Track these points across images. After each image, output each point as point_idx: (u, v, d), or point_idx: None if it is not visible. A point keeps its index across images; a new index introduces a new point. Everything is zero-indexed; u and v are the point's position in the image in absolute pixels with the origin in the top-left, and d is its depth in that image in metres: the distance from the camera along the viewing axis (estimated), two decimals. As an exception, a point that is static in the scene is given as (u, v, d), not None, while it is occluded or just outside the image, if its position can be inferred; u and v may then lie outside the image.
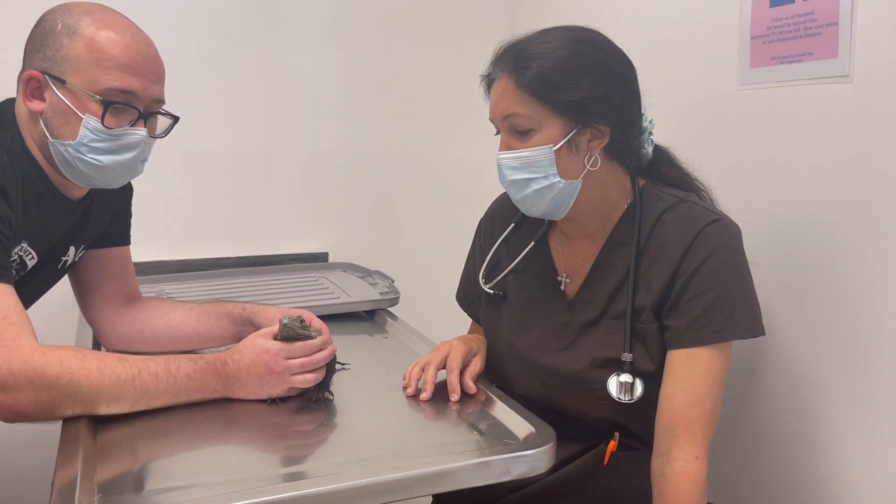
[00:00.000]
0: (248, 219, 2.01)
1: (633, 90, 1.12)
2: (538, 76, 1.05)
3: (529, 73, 1.06)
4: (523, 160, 1.09)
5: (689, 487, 1.02)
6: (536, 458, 0.94)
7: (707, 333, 1.06)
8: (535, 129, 1.07)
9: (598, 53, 1.09)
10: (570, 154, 1.08)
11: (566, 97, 1.05)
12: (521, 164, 1.09)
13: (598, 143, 1.09)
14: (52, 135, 1.09)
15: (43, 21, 1.11)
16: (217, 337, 1.29)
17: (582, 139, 1.08)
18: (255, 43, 1.95)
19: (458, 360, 1.15)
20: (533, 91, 1.06)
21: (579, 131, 1.07)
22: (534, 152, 1.08)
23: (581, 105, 1.06)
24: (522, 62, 1.07)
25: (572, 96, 1.05)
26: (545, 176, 1.09)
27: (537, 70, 1.05)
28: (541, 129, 1.07)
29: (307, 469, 0.93)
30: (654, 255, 1.11)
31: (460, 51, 2.11)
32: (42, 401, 0.95)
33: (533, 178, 1.09)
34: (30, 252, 1.12)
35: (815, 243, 1.24)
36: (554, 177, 1.08)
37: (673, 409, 1.06)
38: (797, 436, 1.30)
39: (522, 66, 1.07)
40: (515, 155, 1.09)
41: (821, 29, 1.19)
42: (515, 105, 1.08)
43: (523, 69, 1.06)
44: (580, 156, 1.09)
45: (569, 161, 1.08)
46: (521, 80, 1.06)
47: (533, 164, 1.08)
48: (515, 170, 1.10)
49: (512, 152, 1.10)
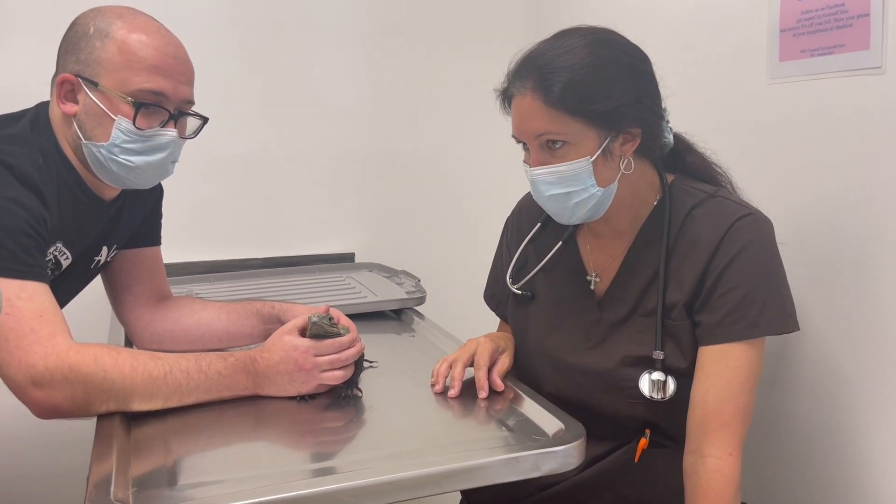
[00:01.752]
0: (276, 220, 2.03)
1: (656, 86, 1.11)
2: (567, 91, 1.02)
3: (557, 89, 1.02)
4: (560, 175, 1.06)
5: (722, 484, 1.01)
6: (566, 454, 0.93)
7: (740, 329, 1.05)
8: (568, 143, 1.05)
9: (622, 56, 1.07)
10: (606, 162, 1.06)
11: (599, 108, 1.03)
12: (557, 178, 1.07)
13: (630, 145, 1.08)
14: (85, 136, 1.11)
15: (75, 25, 1.13)
16: (246, 335, 1.31)
17: (615, 145, 1.06)
18: (282, 46, 1.97)
19: (485, 358, 1.14)
20: (564, 107, 1.03)
21: (613, 138, 1.06)
22: (571, 166, 1.06)
23: (614, 113, 1.04)
24: (547, 77, 1.03)
25: (605, 106, 1.03)
26: (584, 188, 1.07)
27: (565, 84, 1.02)
28: (575, 143, 1.05)
29: (336, 465, 0.94)
30: (685, 251, 1.10)
31: (485, 51, 2.11)
32: (77, 397, 0.97)
33: (572, 192, 1.07)
34: (64, 252, 1.14)
35: (848, 238, 1.22)
36: (593, 187, 1.07)
37: (705, 406, 1.05)
38: (831, 435, 1.27)
39: (548, 81, 1.03)
40: (551, 170, 1.07)
41: (852, 20, 1.17)
42: (547, 124, 1.04)
43: (550, 85, 1.03)
44: (615, 161, 1.07)
45: (604, 169, 1.07)
46: (551, 98, 1.03)
47: (570, 178, 1.06)
48: (552, 185, 1.08)
49: (547, 167, 1.07)
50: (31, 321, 0.97)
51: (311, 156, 2.04)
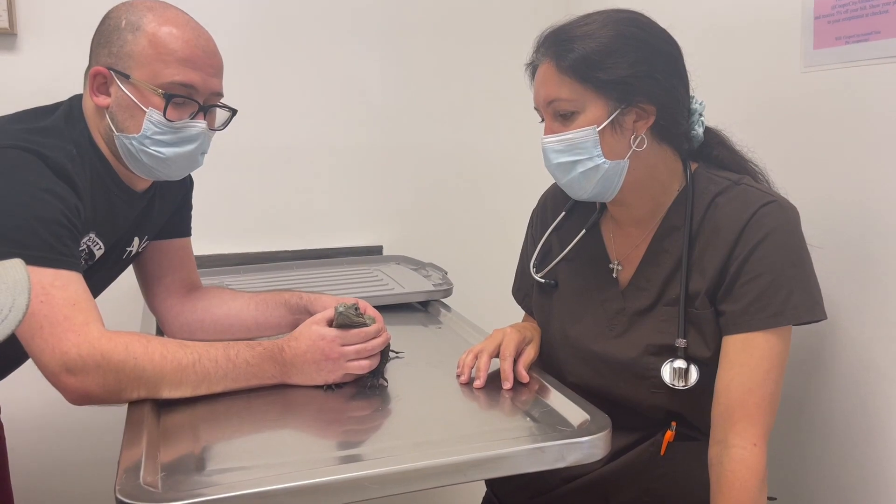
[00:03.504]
0: (306, 213, 2.04)
1: (677, 68, 1.10)
2: (579, 58, 1.05)
3: (571, 56, 1.05)
4: (567, 142, 1.08)
5: (746, 475, 1.00)
6: (592, 444, 0.92)
7: (763, 317, 1.03)
8: (578, 112, 1.07)
9: (640, 32, 1.07)
10: (615, 134, 1.07)
11: (607, 76, 1.04)
12: (565, 146, 1.08)
13: (643, 123, 1.07)
14: (117, 128, 1.13)
15: (108, 18, 1.15)
16: (274, 325, 1.32)
17: (627, 119, 1.07)
18: (309, 41, 1.98)
19: (511, 349, 1.14)
20: (574, 73, 1.05)
21: (623, 111, 1.06)
22: (577, 134, 1.07)
23: (624, 83, 1.04)
24: (563, 45, 1.07)
25: (614, 75, 1.04)
26: (590, 157, 1.07)
27: (578, 52, 1.05)
28: (584, 111, 1.07)
29: (362, 452, 0.94)
30: (708, 238, 1.09)
31: (516, 44, 2.08)
32: (109, 384, 0.99)
33: (578, 161, 1.08)
34: (97, 242, 1.16)
35: (883, 229, 1.19)
36: (599, 158, 1.07)
37: (730, 396, 1.03)
38: (864, 429, 1.25)
39: (564, 49, 1.06)
40: (559, 138, 1.09)
41: (888, 6, 1.15)
42: (557, 89, 1.07)
43: (565, 52, 1.06)
44: (626, 136, 1.07)
45: (613, 141, 1.07)
46: (563, 64, 1.06)
47: (577, 146, 1.07)
48: (560, 153, 1.09)
49: (556, 135, 1.09)
50: (64, 309, 0.99)
51: (340, 149, 2.05)
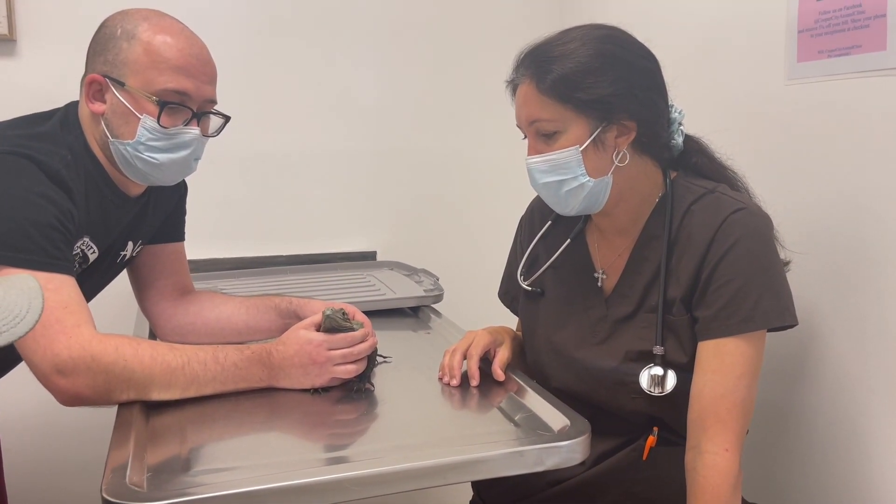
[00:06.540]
0: (300, 219, 2.06)
1: (656, 82, 1.12)
2: (559, 79, 1.06)
3: (550, 77, 1.06)
4: (551, 163, 1.09)
5: (718, 480, 1.01)
6: (570, 449, 0.94)
7: (734, 323, 1.05)
8: (560, 132, 1.08)
9: (618, 49, 1.09)
10: (598, 152, 1.08)
11: (588, 96, 1.06)
12: (549, 166, 1.10)
13: (624, 138, 1.09)
14: (112, 134, 1.15)
15: (104, 27, 1.17)
16: (265, 329, 1.34)
17: (608, 136, 1.08)
18: (303, 47, 2.00)
19: (478, 349, 1.18)
20: (554, 94, 1.06)
21: (605, 129, 1.07)
22: (561, 154, 1.08)
23: (603, 102, 1.06)
24: (542, 66, 1.08)
25: (594, 94, 1.06)
26: (574, 177, 1.09)
27: (557, 73, 1.06)
28: (566, 131, 1.08)
29: (346, 455, 0.96)
30: (684, 246, 1.11)
31: (507, 50, 2.10)
32: (98, 385, 1.01)
33: (563, 180, 1.10)
34: (91, 246, 1.18)
35: (865, 238, 1.21)
36: (583, 177, 1.09)
37: (702, 402, 1.05)
38: (844, 437, 1.26)
39: (543, 70, 1.07)
40: (543, 158, 1.10)
41: (869, 21, 1.17)
42: (539, 110, 1.08)
43: (544, 73, 1.07)
44: (608, 153, 1.09)
45: (596, 159, 1.09)
46: (543, 85, 1.07)
47: (561, 166, 1.09)
48: (545, 173, 1.11)
49: (540, 156, 1.11)
50: (56, 312, 1.01)
51: (336, 155, 2.07)
